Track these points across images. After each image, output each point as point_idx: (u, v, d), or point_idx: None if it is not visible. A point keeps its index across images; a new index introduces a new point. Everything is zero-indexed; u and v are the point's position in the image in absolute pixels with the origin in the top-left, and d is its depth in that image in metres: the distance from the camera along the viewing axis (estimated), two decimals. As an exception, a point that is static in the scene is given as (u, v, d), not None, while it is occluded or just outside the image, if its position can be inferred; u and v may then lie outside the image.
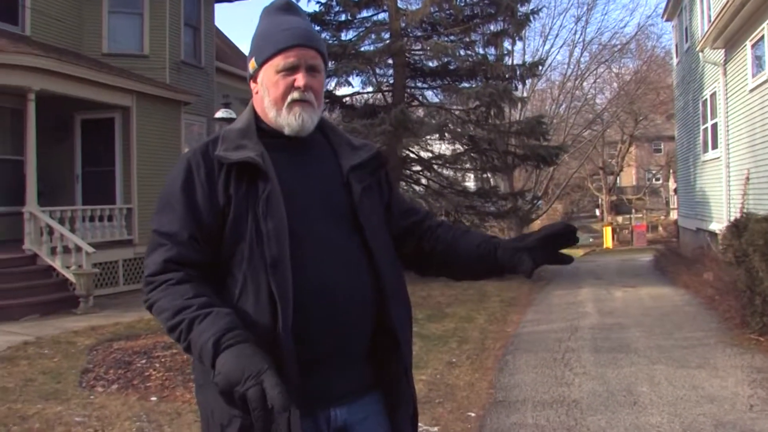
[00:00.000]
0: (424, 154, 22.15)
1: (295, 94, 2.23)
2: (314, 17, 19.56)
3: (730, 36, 15.08)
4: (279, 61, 2.23)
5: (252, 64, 2.32)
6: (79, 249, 13.60)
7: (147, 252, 2.21)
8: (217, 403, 2.04)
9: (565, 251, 2.35)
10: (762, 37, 13.20)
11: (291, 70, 2.23)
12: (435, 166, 21.45)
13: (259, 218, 2.11)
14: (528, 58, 30.43)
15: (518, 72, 20.21)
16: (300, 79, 2.23)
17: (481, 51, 20.49)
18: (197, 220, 2.15)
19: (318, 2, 19.91)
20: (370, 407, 2.30)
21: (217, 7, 21.32)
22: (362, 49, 19.32)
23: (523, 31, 22.98)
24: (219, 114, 9.45)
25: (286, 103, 2.24)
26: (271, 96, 2.26)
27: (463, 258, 2.44)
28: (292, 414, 1.99)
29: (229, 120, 9.31)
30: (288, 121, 2.25)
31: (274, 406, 1.82)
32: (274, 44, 2.24)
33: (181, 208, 2.16)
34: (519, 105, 22.35)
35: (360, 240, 2.25)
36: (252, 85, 2.35)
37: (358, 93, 21.87)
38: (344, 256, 2.20)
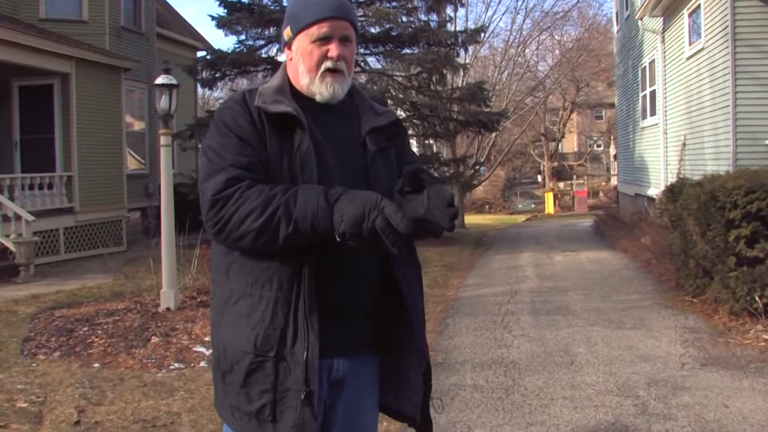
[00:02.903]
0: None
1: (328, 64, 2.35)
2: (255, -18, 19.37)
3: (669, 4, 15.33)
4: (313, 32, 2.34)
5: (287, 33, 2.41)
6: (18, 217, 13.37)
7: (203, 178, 2.27)
8: (230, 341, 2.27)
9: None
10: (698, 6, 13.44)
11: (324, 39, 2.34)
12: (377, 133, 21.39)
13: (296, 170, 2.24)
14: (470, 25, 30.38)
15: (460, 38, 20.21)
16: (333, 49, 2.35)
17: (423, 17, 20.42)
18: (250, 153, 2.23)
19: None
20: (367, 368, 2.48)
21: (157, -29, 21.02)
22: (304, 14, 19.10)
23: (466, -2, 23.00)
24: (159, 80, 9.31)
25: (319, 73, 2.36)
26: (306, 64, 2.37)
27: None
28: (310, 353, 2.18)
29: (170, 86, 9.22)
30: (320, 89, 2.37)
31: (399, 228, 2.03)
32: (309, 15, 2.34)
33: (236, 141, 2.25)
34: (461, 71, 22.43)
35: None
36: (286, 51, 2.44)
37: (301, 59, 21.64)
38: None
